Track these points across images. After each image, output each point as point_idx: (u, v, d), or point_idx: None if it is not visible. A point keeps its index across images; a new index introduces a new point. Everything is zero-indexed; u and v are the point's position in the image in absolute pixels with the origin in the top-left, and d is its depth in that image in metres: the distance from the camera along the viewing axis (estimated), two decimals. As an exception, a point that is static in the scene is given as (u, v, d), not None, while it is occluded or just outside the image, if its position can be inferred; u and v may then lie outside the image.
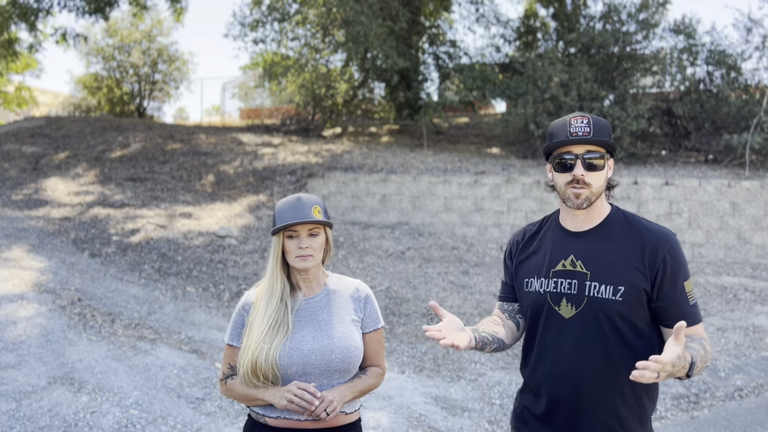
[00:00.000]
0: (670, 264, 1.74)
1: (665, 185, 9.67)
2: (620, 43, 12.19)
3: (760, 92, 11.70)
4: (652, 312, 1.77)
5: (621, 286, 1.74)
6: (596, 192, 1.79)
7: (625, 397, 1.77)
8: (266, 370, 1.92)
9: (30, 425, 3.85)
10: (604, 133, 1.78)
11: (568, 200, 1.81)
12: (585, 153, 1.77)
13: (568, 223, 1.88)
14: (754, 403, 4.91)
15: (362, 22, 12.09)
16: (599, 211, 1.85)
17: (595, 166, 1.77)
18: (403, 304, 6.99)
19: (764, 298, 7.44)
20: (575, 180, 1.77)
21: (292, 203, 1.99)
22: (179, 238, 8.68)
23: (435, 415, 4.53)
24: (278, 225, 1.96)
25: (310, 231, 1.99)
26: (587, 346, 1.77)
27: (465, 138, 14.94)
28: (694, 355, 1.63)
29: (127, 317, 5.89)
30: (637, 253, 1.76)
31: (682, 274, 1.76)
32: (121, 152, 13.10)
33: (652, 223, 1.82)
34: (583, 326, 1.78)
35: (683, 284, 1.76)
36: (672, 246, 1.77)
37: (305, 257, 1.98)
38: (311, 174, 10.86)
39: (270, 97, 20.55)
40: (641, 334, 1.78)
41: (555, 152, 1.82)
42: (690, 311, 1.76)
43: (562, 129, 1.80)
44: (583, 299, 1.78)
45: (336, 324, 2.02)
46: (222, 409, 4.39)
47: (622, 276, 1.75)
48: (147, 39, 20.49)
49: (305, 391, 1.87)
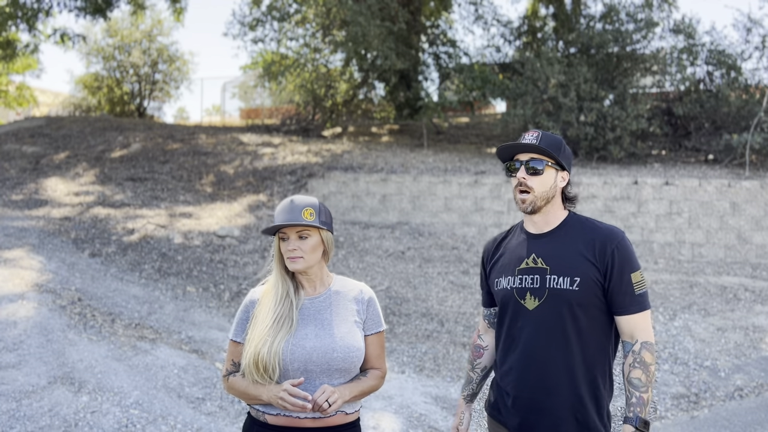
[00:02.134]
0: (618, 257, 1.95)
1: (665, 185, 9.68)
2: (620, 43, 12.19)
3: (760, 92, 11.70)
4: (607, 300, 1.99)
5: (577, 277, 1.95)
6: (540, 197, 2.02)
7: (582, 377, 1.97)
8: (267, 363, 1.93)
9: (30, 425, 3.85)
10: (551, 146, 2.02)
11: (517, 204, 2.07)
12: (529, 159, 2.02)
13: (530, 227, 2.12)
14: (754, 403, 4.91)
15: (360, 23, 12.10)
16: (555, 216, 2.08)
17: (537, 171, 2.01)
18: (403, 304, 6.99)
19: (764, 298, 7.45)
20: (519, 183, 2.03)
21: (286, 206, 2.04)
22: (179, 237, 8.69)
23: (435, 415, 4.54)
24: (268, 226, 2.04)
25: (299, 233, 2.03)
26: (549, 333, 1.98)
27: (465, 138, 14.94)
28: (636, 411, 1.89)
29: (128, 317, 5.89)
30: (589, 248, 1.98)
31: (628, 267, 1.96)
32: (122, 152, 13.10)
33: (602, 223, 2.05)
34: (545, 315, 1.99)
35: (630, 276, 1.96)
36: (620, 241, 1.98)
37: (294, 259, 2.02)
38: (311, 174, 10.86)
39: (270, 97, 20.55)
40: (596, 320, 1.99)
41: (508, 161, 2.10)
42: (635, 300, 1.96)
43: (517, 140, 2.08)
44: (545, 291, 2.00)
45: (339, 324, 2.04)
46: (222, 408, 4.39)
47: (578, 268, 1.96)
48: (147, 39, 20.50)
49: (296, 397, 1.88)
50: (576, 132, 11.34)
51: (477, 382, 2.33)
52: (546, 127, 11.39)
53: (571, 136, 11.39)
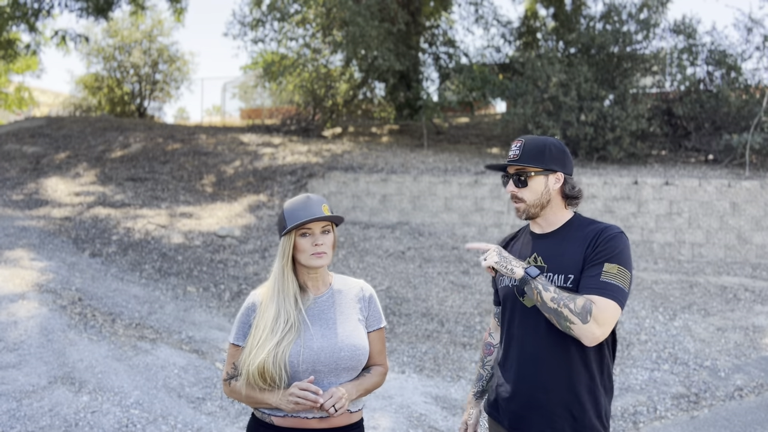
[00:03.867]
0: (600, 245, 1.96)
1: (665, 185, 9.68)
2: (620, 43, 12.19)
3: (760, 92, 11.70)
4: None
5: (571, 275, 1.98)
6: (532, 204, 2.08)
7: (580, 375, 1.98)
8: (274, 374, 1.90)
9: (31, 425, 3.85)
10: (533, 154, 2.06)
11: (515, 212, 2.14)
12: (514, 173, 2.10)
13: (535, 228, 2.18)
14: (754, 403, 4.91)
15: (359, 23, 12.10)
16: (556, 217, 2.12)
17: (524, 182, 2.07)
18: (403, 304, 7.00)
19: (764, 298, 7.45)
20: (512, 196, 2.11)
21: (303, 202, 1.99)
22: (180, 238, 8.69)
23: (435, 415, 4.54)
24: (292, 223, 1.95)
25: (323, 228, 2.00)
26: (545, 330, 1.99)
27: (465, 138, 14.94)
28: (541, 274, 1.94)
29: (128, 317, 5.90)
30: (583, 245, 2.01)
31: (607, 256, 1.93)
32: (122, 152, 13.11)
33: (602, 222, 2.07)
34: (541, 313, 1.98)
35: (604, 263, 1.92)
36: (609, 234, 1.98)
37: (320, 254, 1.98)
38: (311, 174, 10.87)
39: (270, 97, 20.56)
40: None
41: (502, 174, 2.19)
42: (598, 284, 1.89)
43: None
44: None
45: (343, 323, 2.03)
46: (222, 408, 4.39)
47: (572, 266, 1.99)
48: (147, 39, 20.50)
49: (307, 390, 1.86)
50: (576, 132, 11.34)
51: (486, 379, 2.35)
52: (546, 126, 11.39)
53: (571, 135, 11.40)
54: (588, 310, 1.84)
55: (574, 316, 1.85)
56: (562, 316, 1.87)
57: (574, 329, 1.86)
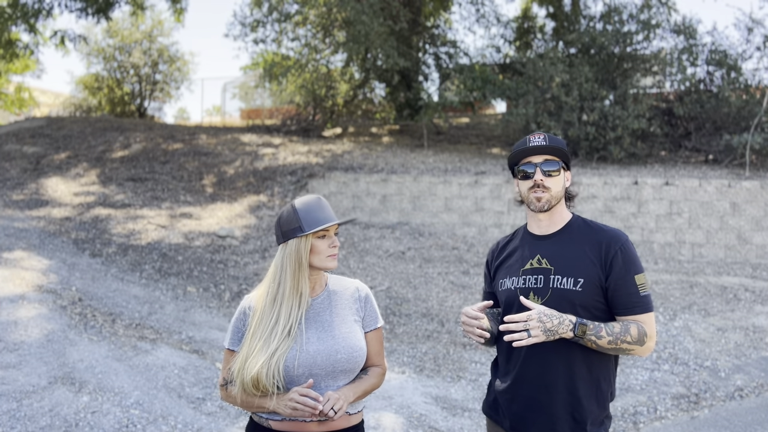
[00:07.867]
0: (621, 258, 1.98)
1: (665, 185, 9.67)
2: (621, 44, 12.18)
3: (761, 92, 11.69)
4: (608, 301, 2.01)
5: (581, 278, 1.98)
6: (555, 196, 2.07)
7: (582, 378, 1.98)
8: (267, 385, 1.88)
9: (31, 425, 3.85)
10: (558, 148, 2.07)
11: (531, 204, 2.08)
12: (542, 162, 2.07)
13: (534, 229, 2.15)
14: (754, 403, 4.91)
15: (363, 22, 12.10)
16: (560, 217, 2.12)
17: (552, 172, 2.06)
18: (403, 304, 7.00)
19: (764, 298, 7.45)
20: (536, 185, 2.06)
21: (318, 204, 1.99)
22: (180, 238, 8.69)
23: (435, 415, 4.54)
24: (311, 225, 1.93)
25: (336, 230, 2.03)
26: None
27: (465, 138, 14.94)
28: (587, 323, 1.90)
29: (128, 317, 5.90)
30: (594, 250, 2.01)
31: (633, 269, 1.98)
32: (122, 152, 13.11)
33: (606, 226, 2.09)
34: None
35: (634, 277, 1.98)
36: (623, 244, 2.01)
37: (335, 256, 2.01)
38: (312, 174, 10.87)
39: (270, 98, 20.55)
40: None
41: (519, 165, 2.12)
42: (641, 301, 1.98)
43: (522, 144, 2.11)
44: (548, 291, 2.02)
45: (339, 324, 2.01)
46: (223, 409, 4.40)
47: (582, 269, 1.99)
48: (148, 39, 20.50)
49: (307, 396, 1.85)
50: (577, 132, 11.34)
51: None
52: (548, 126, 11.39)
53: (572, 135, 11.40)
54: (643, 333, 1.94)
55: (632, 345, 1.93)
56: (622, 350, 1.94)
57: (634, 353, 1.96)
